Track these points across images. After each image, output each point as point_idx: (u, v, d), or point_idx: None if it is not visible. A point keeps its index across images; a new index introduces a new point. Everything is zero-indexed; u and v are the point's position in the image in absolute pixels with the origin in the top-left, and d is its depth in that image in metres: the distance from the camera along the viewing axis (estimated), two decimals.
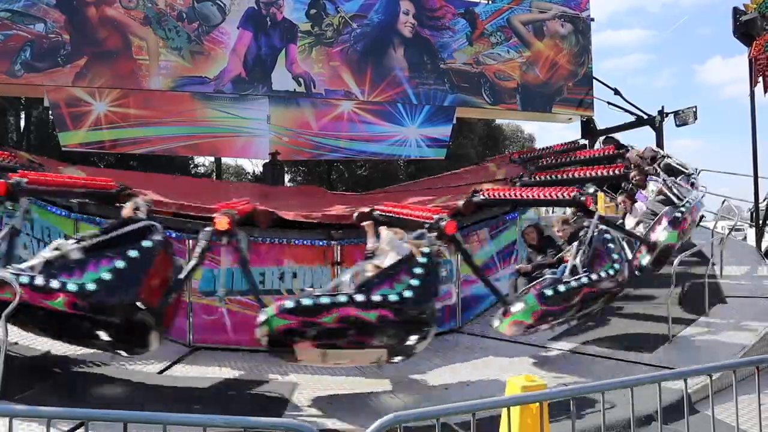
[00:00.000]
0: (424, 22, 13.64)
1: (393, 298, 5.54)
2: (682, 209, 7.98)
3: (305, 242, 8.43)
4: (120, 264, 5.27)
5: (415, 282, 5.67)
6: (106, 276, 5.19)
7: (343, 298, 5.46)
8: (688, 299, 8.19)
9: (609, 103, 15.12)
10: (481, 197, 8.92)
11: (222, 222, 6.02)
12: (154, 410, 3.00)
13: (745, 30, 11.30)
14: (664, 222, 7.91)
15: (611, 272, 6.74)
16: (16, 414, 2.80)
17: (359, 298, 5.48)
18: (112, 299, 5.20)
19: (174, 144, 12.07)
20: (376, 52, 13.25)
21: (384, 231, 6.58)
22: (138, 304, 5.26)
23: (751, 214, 12.87)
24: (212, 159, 16.87)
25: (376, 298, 5.50)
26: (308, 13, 12.93)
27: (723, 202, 11.39)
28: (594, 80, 15.04)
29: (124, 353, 5.93)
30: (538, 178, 10.39)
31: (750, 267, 9.74)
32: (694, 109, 14.36)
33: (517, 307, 6.50)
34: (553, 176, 10.26)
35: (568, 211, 8.68)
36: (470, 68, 13.85)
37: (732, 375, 3.36)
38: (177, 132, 11.97)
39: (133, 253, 5.35)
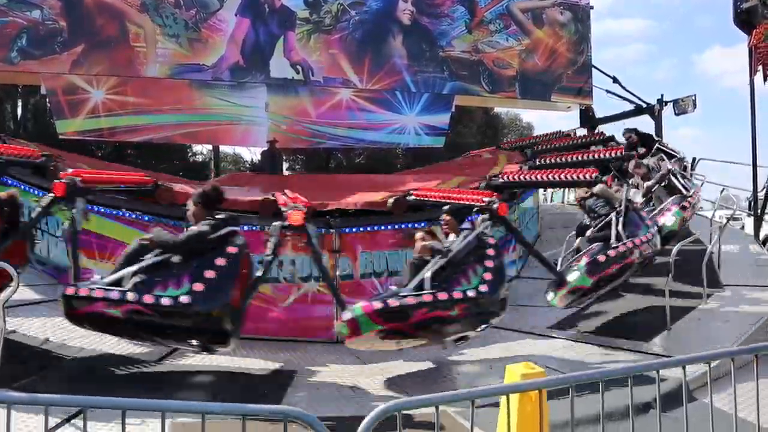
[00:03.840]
0: (423, 10, 13.56)
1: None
2: (609, 253, 6.67)
3: None
4: None
5: None
6: None
7: None
8: (686, 287, 8.18)
9: (608, 91, 15.11)
10: (412, 197, 8.65)
11: (58, 188, 5.91)
12: (152, 398, 2.99)
13: (745, 18, 11.22)
14: (584, 260, 6.76)
15: (470, 293, 5.63)
16: (14, 401, 2.80)
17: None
18: None
19: (172, 132, 12.05)
20: (375, 40, 13.18)
21: None
22: None
23: (750, 203, 12.86)
24: (210, 147, 16.82)
25: None
26: (306, 1, 12.85)
27: (722, 191, 11.37)
28: (593, 68, 14.99)
29: None
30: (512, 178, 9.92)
31: (747, 255, 9.76)
32: (693, 98, 14.35)
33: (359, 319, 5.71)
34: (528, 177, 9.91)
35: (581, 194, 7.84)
36: (469, 56, 13.78)
37: (730, 363, 3.36)
38: (175, 120, 11.94)
39: None
